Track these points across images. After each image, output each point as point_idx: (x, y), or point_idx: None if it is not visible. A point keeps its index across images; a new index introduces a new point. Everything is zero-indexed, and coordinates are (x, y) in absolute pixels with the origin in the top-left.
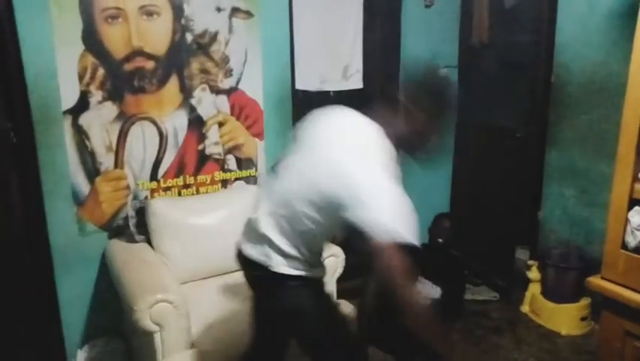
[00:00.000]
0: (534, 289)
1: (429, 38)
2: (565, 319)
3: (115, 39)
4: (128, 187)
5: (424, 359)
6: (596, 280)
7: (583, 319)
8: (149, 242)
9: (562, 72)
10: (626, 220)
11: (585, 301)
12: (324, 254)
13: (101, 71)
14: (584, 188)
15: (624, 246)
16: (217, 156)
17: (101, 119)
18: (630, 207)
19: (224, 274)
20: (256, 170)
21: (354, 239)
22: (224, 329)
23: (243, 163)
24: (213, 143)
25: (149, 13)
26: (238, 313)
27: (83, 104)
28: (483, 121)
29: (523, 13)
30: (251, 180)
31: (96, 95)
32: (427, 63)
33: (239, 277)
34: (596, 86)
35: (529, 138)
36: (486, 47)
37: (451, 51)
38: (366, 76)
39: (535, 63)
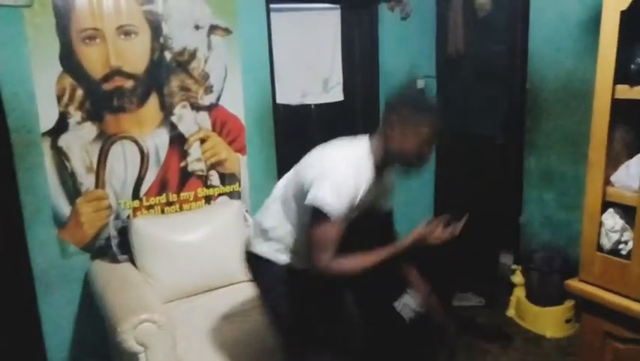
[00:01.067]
0: (519, 293)
1: (406, 50)
2: (549, 322)
3: (93, 59)
4: (109, 207)
5: None
6: (574, 283)
7: (567, 321)
8: (132, 262)
9: (536, 79)
10: (600, 223)
11: (569, 304)
12: None
13: (79, 92)
14: (562, 192)
15: (600, 248)
16: (200, 173)
17: (80, 140)
18: (604, 210)
19: (210, 290)
20: (239, 185)
21: None
22: (211, 346)
23: (226, 178)
24: (195, 159)
25: (127, 33)
26: (224, 330)
27: (62, 126)
28: (463, 129)
29: (496, 23)
30: (234, 195)
31: (75, 116)
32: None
33: (224, 293)
34: (570, 92)
35: (507, 145)
36: (462, 56)
37: (428, 62)
38: (347, 88)
39: (510, 71)
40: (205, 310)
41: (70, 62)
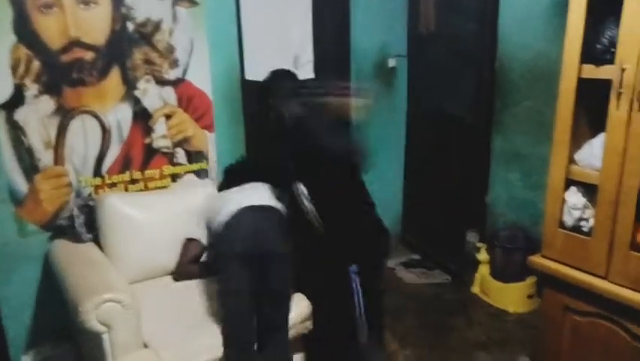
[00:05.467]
0: (483, 270)
1: (378, 27)
2: (512, 297)
3: (50, 29)
4: (69, 184)
5: None
6: (537, 259)
7: (529, 297)
8: (95, 241)
9: (505, 60)
10: (563, 200)
11: (531, 280)
12: None
13: (36, 63)
14: (527, 172)
15: (562, 225)
16: (165, 150)
17: (38, 114)
18: (567, 188)
19: None
20: (207, 163)
21: None
22: (178, 327)
23: (194, 156)
24: (161, 136)
25: (86, 2)
26: (192, 311)
27: (17, 99)
28: (433, 109)
29: (467, 2)
30: (202, 173)
31: (32, 89)
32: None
33: None
34: (537, 73)
35: (476, 125)
36: (433, 35)
37: (400, 40)
38: (318, 66)
39: (480, 51)
40: (172, 290)
41: (25, 31)
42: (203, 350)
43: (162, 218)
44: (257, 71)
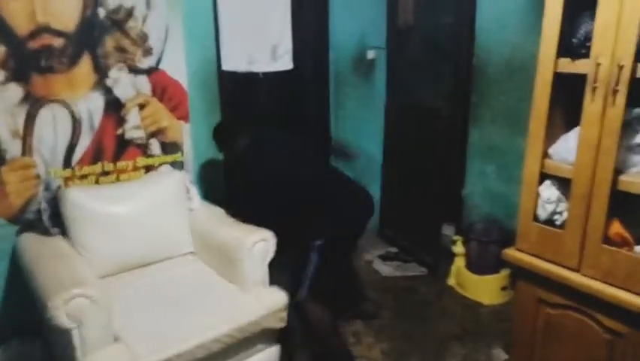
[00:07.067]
0: (459, 262)
1: (358, 19)
2: (487, 289)
3: (16, 14)
4: (38, 176)
5: None
6: (511, 252)
7: (503, 289)
8: (65, 235)
9: (482, 54)
10: (537, 194)
11: (505, 272)
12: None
13: (1, 49)
14: (502, 165)
15: (536, 218)
16: (139, 141)
17: (4, 102)
18: (541, 182)
19: (150, 264)
20: (182, 154)
21: None
22: (150, 321)
23: (168, 147)
24: (134, 127)
25: None
26: (164, 304)
27: None
28: (411, 102)
29: None
30: (177, 165)
31: None
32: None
33: (164, 267)
34: (514, 68)
35: (453, 118)
36: (412, 28)
37: (379, 32)
38: (296, 57)
39: (457, 45)
40: (144, 284)
41: None
42: (176, 341)
43: (129, 210)
44: (234, 62)
